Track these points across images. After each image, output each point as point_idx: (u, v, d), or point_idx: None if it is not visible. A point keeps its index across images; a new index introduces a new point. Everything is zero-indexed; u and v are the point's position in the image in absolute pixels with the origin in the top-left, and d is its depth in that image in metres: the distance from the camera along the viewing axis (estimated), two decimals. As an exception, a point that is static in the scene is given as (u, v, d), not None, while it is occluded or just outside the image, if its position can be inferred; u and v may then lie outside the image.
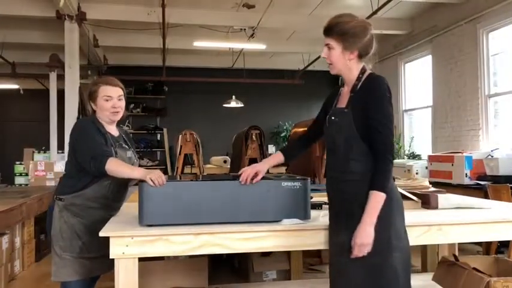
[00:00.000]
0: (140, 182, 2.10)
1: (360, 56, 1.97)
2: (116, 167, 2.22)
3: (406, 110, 8.63)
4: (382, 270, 1.86)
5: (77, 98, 6.66)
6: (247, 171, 2.12)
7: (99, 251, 2.33)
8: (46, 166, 6.11)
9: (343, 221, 1.95)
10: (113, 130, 2.51)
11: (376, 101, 1.88)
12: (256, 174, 2.12)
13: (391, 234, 1.87)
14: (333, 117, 1.99)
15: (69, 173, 2.44)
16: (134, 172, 2.20)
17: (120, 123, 2.63)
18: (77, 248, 2.36)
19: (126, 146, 2.55)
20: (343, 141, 1.93)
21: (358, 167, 1.91)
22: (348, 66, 1.97)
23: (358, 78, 1.97)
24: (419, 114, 8.31)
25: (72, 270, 2.34)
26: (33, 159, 6.61)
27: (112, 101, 2.42)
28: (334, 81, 11.42)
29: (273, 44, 8.76)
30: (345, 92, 2.02)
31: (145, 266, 3.03)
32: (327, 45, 1.98)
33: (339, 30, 1.94)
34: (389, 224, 1.87)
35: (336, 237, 1.98)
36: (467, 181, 5.12)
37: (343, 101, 2.00)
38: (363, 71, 1.98)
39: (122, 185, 2.47)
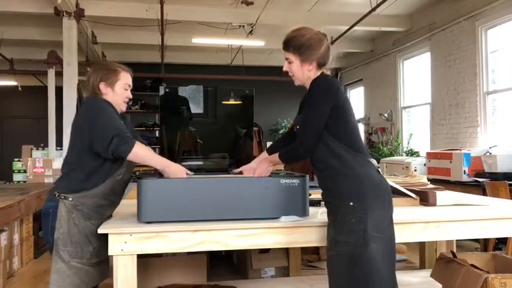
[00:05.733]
0: (138, 179, 2.10)
1: (319, 66, 2.08)
2: (143, 150, 2.08)
3: (404, 107, 8.63)
4: (361, 261, 1.89)
5: (75, 95, 6.64)
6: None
7: (104, 255, 2.17)
8: (44, 163, 6.11)
9: (329, 217, 2.03)
10: None
11: (308, 102, 2.03)
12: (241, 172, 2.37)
13: (368, 226, 1.90)
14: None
15: (77, 168, 2.17)
16: (161, 161, 2.13)
17: None
18: (88, 254, 2.15)
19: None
20: None
21: (333, 162, 1.99)
22: (309, 77, 2.08)
23: None
24: (418, 111, 8.31)
25: (78, 279, 2.13)
26: (31, 156, 6.59)
27: (128, 91, 2.33)
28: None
29: (271, 40, 8.74)
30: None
31: (144, 263, 3.03)
32: (286, 59, 2.10)
33: (294, 44, 2.05)
34: (365, 216, 1.90)
35: (327, 232, 2.04)
36: (465, 178, 5.13)
37: None
38: (325, 75, 2.10)
39: (128, 179, 2.32)
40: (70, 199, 2.14)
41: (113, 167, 2.19)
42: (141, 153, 2.08)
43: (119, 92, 2.27)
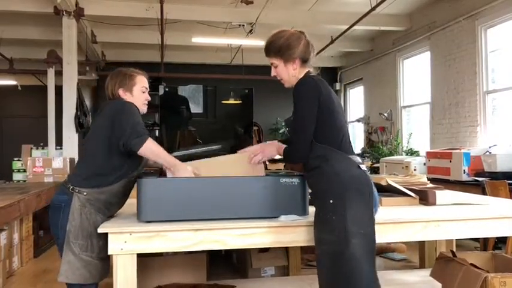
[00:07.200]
0: (138, 178, 2.10)
1: (303, 62, 2.14)
2: (155, 147, 2.15)
3: (404, 107, 8.63)
4: (342, 258, 1.91)
5: (75, 94, 6.64)
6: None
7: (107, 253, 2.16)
8: (44, 162, 6.11)
9: (314, 216, 2.05)
10: None
11: (294, 106, 2.08)
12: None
13: (347, 222, 1.92)
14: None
15: (98, 165, 2.21)
16: (170, 159, 2.18)
17: None
18: (97, 248, 2.18)
19: None
20: None
21: (315, 163, 2.03)
22: (295, 76, 2.14)
23: None
24: (418, 110, 8.31)
25: (87, 272, 2.15)
26: (31, 156, 6.60)
27: (146, 94, 2.39)
28: (333, 77, 11.44)
29: (271, 40, 8.74)
30: None
31: (143, 262, 3.03)
32: (271, 64, 2.18)
33: (274, 48, 2.15)
34: (344, 213, 1.92)
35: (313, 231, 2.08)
36: (465, 177, 5.12)
37: None
38: (305, 77, 2.13)
39: (135, 181, 2.33)
40: (84, 193, 2.17)
41: (130, 169, 2.24)
42: (153, 148, 2.14)
43: (137, 96, 2.35)
